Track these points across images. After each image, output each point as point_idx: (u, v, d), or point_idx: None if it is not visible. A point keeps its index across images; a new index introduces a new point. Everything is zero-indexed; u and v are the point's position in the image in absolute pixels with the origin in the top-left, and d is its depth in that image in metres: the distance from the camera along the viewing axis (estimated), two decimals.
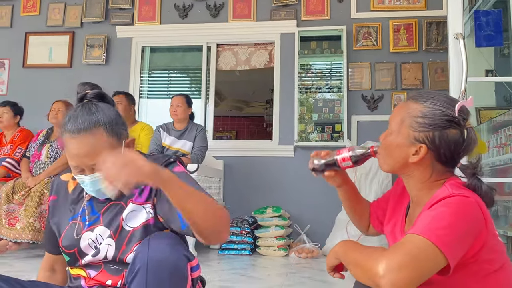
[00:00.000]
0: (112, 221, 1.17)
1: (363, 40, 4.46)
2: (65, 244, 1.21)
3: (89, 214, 1.21)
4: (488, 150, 3.12)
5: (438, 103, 1.08)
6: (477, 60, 3.38)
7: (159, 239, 1.05)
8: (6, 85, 4.92)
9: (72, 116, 1.12)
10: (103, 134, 1.11)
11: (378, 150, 1.18)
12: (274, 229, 3.87)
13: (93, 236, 1.18)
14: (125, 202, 1.18)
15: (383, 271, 0.89)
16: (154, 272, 1.00)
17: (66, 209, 1.25)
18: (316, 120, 4.39)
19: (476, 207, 1.00)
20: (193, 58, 4.92)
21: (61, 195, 1.28)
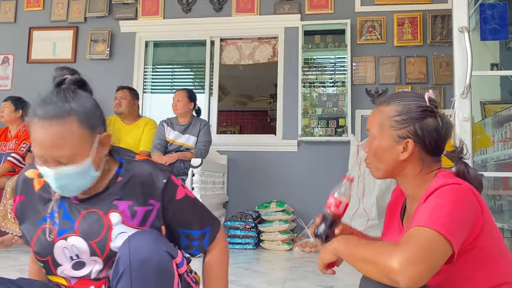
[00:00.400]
0: (91, 234, 1.07)
1: (367, 34, 4.43)
2: (37, 250, 1.11)
3: (60, 219, 1.10)
4: (492, 144, 3.10)
5: (408, 99, 1.14)
6: (482, 53, 3.36)
7: (139, 238, 1.01)
8: (11, 80, 4.93)
9: (44, 100, 1.00)
10: (74, 125, 0.99)
11: (367, 160, 1.20)
12: (278, 224, 3.88)
13: (69, 245, 1.08)
14: (103, 211, 1.09)
15: (400, 267, 0.90)
16: (138, 274, 0.97)
17: (35, 211, 1.13)
18: (320, 114, 4.38)
19: (470, 193, 1.03)
20: (196, 53, 4.92)
21: (28, 194, 1.15)
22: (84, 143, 1.01)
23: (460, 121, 2.17)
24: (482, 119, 3.55)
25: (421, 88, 4.29)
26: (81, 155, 1.01)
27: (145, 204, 1.10)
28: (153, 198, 1.10)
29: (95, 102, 1.09)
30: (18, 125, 3.93)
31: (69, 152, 0.99)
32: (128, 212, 1.09)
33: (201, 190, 3.52)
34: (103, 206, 1.09)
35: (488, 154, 3.17)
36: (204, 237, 1.18)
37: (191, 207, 1.17)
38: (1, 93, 4.69)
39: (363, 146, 1.22)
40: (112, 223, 1.08)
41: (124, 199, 1.09)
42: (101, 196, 1.10)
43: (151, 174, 1.10)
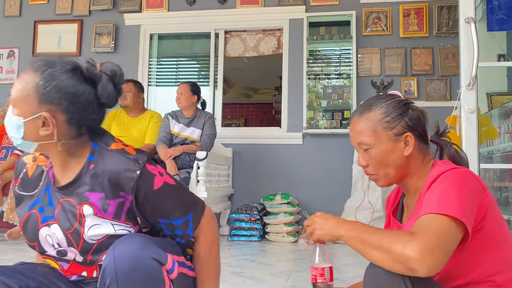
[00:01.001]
0: (66, 224, 1.07)
1: (372, 25, 4.40)
2: (27, 235, 1.13)
3: (45, 204, 1.11)
4: (499, 136, 3.09)
5: (385, 99, 1.17)
6: (489, 44, 3.32)
7: (124, 246, 0.98)
8: (17, 73, 4.95)
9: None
10: (32, 82, 1.02)
11: (370, 172, 1.18)
12: (283, 216, 3.89)
13: (51, 233, 1.09)
14: (77, 202, 1.07)
15: (418, 256, 0.91)
16: (125, 284, 0.95)
17: (27, 196, 1.15)
18: (325, 106, 4.37)
19: (471, 174, 1.06)
20: (201, 45, 4.91)
21: (23, 179, 1.17)
22: (27, 102, 1.01)
23: (466, 113, 2.16)
24: (488, 110, 3.52)
25: (427, 80, 4.26)
26: (19, 109, 1.02)
27: (116, 197, 1.05)
28: (123, 190, 1.05)
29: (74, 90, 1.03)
30: None
31: (13, 95, 1.03)
32: (100, 205, 1.05)
33: (206, 182, 3.53)
34: (76, 196, 1.07)
35: (495, 146, 3.15)
36: (187, 225, 1.11)
37: (171, 195, 1.09)
38: (7, 87, 4.70)
39: (358, 162, 1.19)
40: (85, 214, 1.06)
41: (95, 191, 1.06)
42: (74, 185, 1.07)
43: (121, 167, 1.05)
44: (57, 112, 1.02)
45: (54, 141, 1.04)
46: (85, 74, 1.05)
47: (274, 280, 2.36)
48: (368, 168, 1.17)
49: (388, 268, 0.96)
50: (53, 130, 1.02)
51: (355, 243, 1.02)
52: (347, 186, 4.09)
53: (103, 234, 1.05)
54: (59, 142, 1.04)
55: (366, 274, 1.04)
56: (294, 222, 3.96)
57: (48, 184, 1.12)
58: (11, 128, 1.04)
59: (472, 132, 2.16)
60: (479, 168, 2.17)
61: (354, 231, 1.03)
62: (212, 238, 1.17)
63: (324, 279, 1.16)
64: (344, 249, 3.54)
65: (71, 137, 1.06)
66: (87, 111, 1.05)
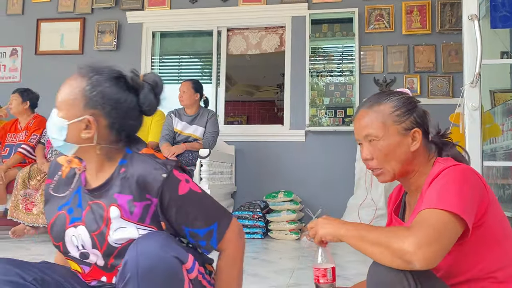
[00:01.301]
0: (93, 226, 1.09)
1: (375, 22, 4.39)
2: (53, 235, 1.15)
3: (75, 206, 1.14)
4: (502, 133, 3.08)
5: (394, 95, 1.17)
6: (493, 41, 3.31)
7: (147, 242, 0.99)
8: (20, 72, 4.97)
9: None
10: (79, 87, 1.09)
11: (374, 166, 1.16)
12: (286, 213, 3.89)
13: (76, 234, 1.11)
14: (106, 204, 1.09)
15: (414, 249, 0.92)
16: (145, 281, 0.96)
17: (58, 197, 1.18)
18: (328, 104, 4.37)
19: (471, 171, 1.06)
20: (203, 43, 4.91)
21: (55, 179, 1.21)
22: (73, 106, 1.07)
23: (469, 110, 2.15)
24: (491, 107, 3.51)
25: (430, 77, 4.25)
26: (64, 112, 1.08)
27: (143, 199, 1.07)
28: (149, 193, 1.07)
29: (117, 96, 1.09)
30: (27, 116, 3.97)
31: (60, 98, 1.10)
32: (127, 207, 1.07)
33: (209, 180, 3.54)
34: (105, 198, 1.10)
35: (498, 143, 3.15)
36: (211, 236, 1.11)
37: (196, 203, 1.10)
38: (11, 85, 4.72)
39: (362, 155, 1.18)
40: (111, 217, 1.08)
41: (124, 193, 1.08)
42: (105, 187, 1.11)
43: (148, 169, 1.07)
44: (100, 116, 1.07)
45: (93, 145, 1.09)
46: (129, 83, 1.12)
47: (277, 278, 2.37)
48: (372, 161, 1.16)
49: (388, 264, 0.97)
50: (94, 134, 1.07)
51: (355, 241, 1.04)
52: (350, 183, 4.09)
53: (127, 238, 1.06)
54: (98, 145, 1.09)
55: (369, 273, 1.05)
56: (297, 219, 3.97)
57: (80, 187, 1.16)
58: (54, 129, 1.08)
59: (475, 130, 2.15)
60: (483, 166, 2.16)
61: (354, 231, 1.05)
62: (236, 254, 1.16)
63: (326, 279, 1.16)
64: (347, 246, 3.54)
65: (109, 142, 1.11)
66: (128, 118, 1.11)
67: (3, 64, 5.01)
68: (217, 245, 1.12)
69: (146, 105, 1.13)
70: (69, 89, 1.09)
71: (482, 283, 1.05)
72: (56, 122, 1.08)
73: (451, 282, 1.07)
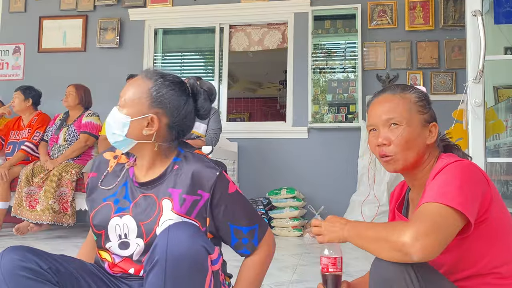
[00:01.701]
0: (143, 216, 1.17)
1: (378, 18, 4.38)
2: (96, 223, 1.22)
3: (121, 198, 1.22)
4: (506, 129, 3.07)
5: (414, 87, 1.18)
6: (496, 37, 3.29)
7: (178, 230, 1.05)
8: (22, 69, 4.98)
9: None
10: (145, 87, 1.17)
11: (389, 152, 1.13)
12: (289, 210, 3.90)
13: (121, 223, 1.18)
14: (157, 196, 1.17)
15: (411, 240, 0.93)
16: (172, 265, 1.00)
17: (104, 189, 1.26)
18: (330, 100, 4.36)
19: (475, 167, 1.07)
20: (206, 40, 4.90)
21: (101, 172, 1.29)
22: (137, 104, 1.16)
23: (472, 106, 2.14)
24: (495, 104, 3.50)
25: (433, 73, 4.24)
26: (129, 109, 1.16)
27: (194, 194, 1.16)
28: (202, 189, 1.15)
29: (180, 99, 1.19)
30: (30, 114, 3.98)
31: (127, 97, 1.17)
32: (178, 200, 1.15)
33: None
34: (158, 192, 1.18)
35: (501, 139, 3.14)
36: (253, 235, 1.20)
37: (241, 203, 1.20)
38: (14, 82, 4.73)
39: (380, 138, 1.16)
40: (163, 209, 1.15)
41: (176, 187, 1.17)
42: (158, 182, 1.19)
43: (203, 167, 1.17)
44: (163, 116, 1.17)
45: (151, 142, 1.18)
46: (189, 88, 1.24)
47: (280, 275, 2.38)
48: (387, 148, 1.12)
49: (387, 258, 0.98)
50: (155, 131, 1.16)
51: (357, 240, 1.05)
52: (353, 180, 4.09)
53: None
54: (155, 143, 1.19)
55: (372, 269, 1.06)
56: (300, 216, 3.97)
57: (127, 180, 1.24)
58: (116, 125, 1.17)
59: (479, 126, 2.15)
60: (486, 162, 2.16)
61: (354, 229, 1.06)
62: (266, 259, 1.24)
63: (336, 268, 1.17)
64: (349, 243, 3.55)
65: (166, 140, 1.20)
66: (186, 119, 1.21)
67: (6, 61, 5.02)
68: (258, 243, 1.21)
69: (203, 110, 1.25)
70: (136, 88, 1.17)
71: (486, 279, 1.05)
72: (119, 118, 1.16)
73: (455, 277, 1.07)
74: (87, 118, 3.73)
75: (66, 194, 3.37)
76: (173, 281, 1.00)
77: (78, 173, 3.45)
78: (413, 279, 0.97)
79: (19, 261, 1.05)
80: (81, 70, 4.78)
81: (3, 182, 3.50)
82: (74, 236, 3.59)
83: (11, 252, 1.07)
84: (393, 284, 0.98)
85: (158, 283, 1.01)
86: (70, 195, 3.38)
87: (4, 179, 3.50)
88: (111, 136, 1.19)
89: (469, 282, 1.06)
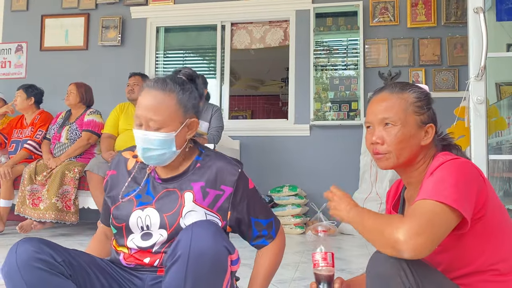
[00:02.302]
0: (166, 208, 1.21)
1: (379, 15, 4.37)
2: (117, 216, 1.26)
3: (143, 193, 1.26)
4: (508, 126, 3.06)
5: (415, 87, 1.17)
6: (498, 34, 3.28)
7: (202, 228, 1.08)
8: (25, 68, 4.99)
9: (158, 77, 1.23)
10: (173, 100, 1.18)
11: (382, 150, 1.14)
12: (291, 208, 3.90)
13: (143, 215, 1.22)
14: (180, 190, 1.23)
15: (404, 237, 0.93)
16: (195, 261, 1.02)
17: (123, 185, 1.30)
18: (332, 98, 4.36)
19: (472, 165, 1.07)
20: (207, 38, 4.90)
21: (120, 170, 1.33)
22: (175, 118, 1.18)
23: (474, 104, 2.14)
24: (497, 101, 3.49)
25: (435, 70, 4.23)
26: (169, 126, 1.17)
27: (217, 189, 1.22)
28: (225, 184, 1.22)
29: (198, 93, 1.25)
30: (32, 112, 3.99)
31: (160, 118, 1.16)
32: (200, 192, 1.21)
33: None
34: (181, 186, 1.23)
35: (503, 137, 3.13)
36: (271, 227, 1.29)
37: (259, 198, 1.29)
38: (16, 81, 4.75)
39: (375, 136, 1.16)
40: (185, 201, 1.21)
41: (199, 181, 1.23)
42: (180, 177, 1.25)
43: (226, 163, 1.24)
44: (193, 117, 1.24)
45: (185, 143, 1.24)
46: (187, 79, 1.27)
47: (283, 272, 2.38)
48: (381, 146, 1.14)
49: (381, 251, 1.00)
50: (195, 131, 1.25)
51: (357, 226, 1.07)
52: (355, 177, 4.09)
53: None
54: (187, 144, 1.25)
55: (368, 265, 1.07)
56: (302, 213, 3.98)
57: (149, 178, 1.28)
58: (164, 145, 1.18)
59: (481, 123, 2.14)
60: (488, 159, 2.16)
61: (357, 216, 1.07)
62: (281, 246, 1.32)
63: (326, 263, 1.18)
64: (351, 241, 3.55)
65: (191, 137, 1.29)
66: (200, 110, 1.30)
67: (8, 60, 5.03)
68: (276, 234, 1.30)
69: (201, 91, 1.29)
70: (166, 107, 1.17)
71: (484, 276, 1.06)
72: (165, 138, 1.17)
73: (453, 275, 1.08)
74: (89, 116, 3.74)
75: (69, 192, 3.39)
76: (194, 277, 1.02)
77: (81, 171, 3.46)
78: (408, 275, 0.98)
79: (34, 252, 1.07)
80: (83, 69, 4.79)
81: (6, 180, 3.52)
82: (78, 234, 3.61)
83: (27, 243, 1.09)
84: (389, 280, 0.99)
85: (179, 277, 1.03)
86: (73, 193, 3.39)
87: (7, 178, 3.51)
88: (157, 158, 1.19)
89: (467, 280, 1.07)
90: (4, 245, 3.04)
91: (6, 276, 1.07)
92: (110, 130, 3.65)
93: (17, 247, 1.08)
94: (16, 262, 1.05)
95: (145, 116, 1.16)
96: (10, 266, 1.06)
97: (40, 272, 1.05)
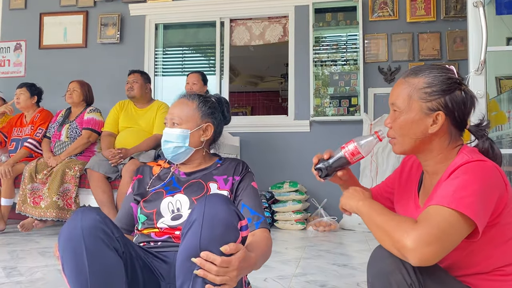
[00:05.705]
0: (194, 192, 1.39)
1: (379, 10, 4.35)
2: (147, 204, 1.40)
3: (171, 186, 1.44)
4: (508, 120, 3.06)
5: (437, 71, 1.11)
6: (498, 28, 3.27)
7: (215, 197, 1.15)
8: (24, 66, 4.98)
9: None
10: (193, 105, 1.47)
11: (391, 134, 1.16)
12: (292, 204, 3.91)
13: (173, 200, 1.39)
14: (204, 181, 1.43)
15: (412, 245, 0.91)
16: (208, 223, 1.07)
17: (155, 185, 1.46)
18: (332, 93, 4.35)
19: (495, 170, 1.02)
20: (206, 34, 4.89)
21: (146, 175, 1.52)
22: (191, 119, 1.46)
23: None
24: (497, 95, 3.48)
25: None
26: (186, 124, 1.45)
27: (233, 177, 1.45)
28: (236, 174, 1.45)
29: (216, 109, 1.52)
30: (33, 111, 3.99)
31: (180, 116, 1.45)
32: (223, 181, 1.43)
33: None
34: (205, 178, 1.44)
35: (504, 131, 3.13)
36: (258, 219, 1.37)
37: (257, 195, 1.44)
38: (15, 79, 4.74)
39: (385, 120, 1.16)
40: (211, 187, 1.41)
41: (222, 175, 1.45)
42: (203, 171, 1.47)
43: (241, 163, 1.49)
44: (210, 124, 1.48)
45: (201, 148, 1.48)
46: (215, 102, 1.55)
47: (284, 268, 2.39)
48: (390, 130, 1.16)
49: (388, 249, 0.99)
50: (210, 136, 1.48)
51: (365, 219, 1.07)
52: (355, 173, 4.08)
53: None
54: (204, 149, 1.49)
55: (369, 261, 1.07)
56: (303, 209, 3.98)
57: (173, 176, 1.49)
58: (179, 139, 1.44)
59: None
60: None
61: (367, 210, 1.07)
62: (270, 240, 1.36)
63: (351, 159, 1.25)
64: (354, 236, 3.55)
65: (210, 145, 1.53)
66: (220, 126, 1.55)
67: (7, 58, 5.02)
68: (259, 227, 1.36)
69: (229, 116, 1.58)
70: (186, 108, 1.47)
71: (488, 275, 1.05)
72: (181, 133, 1.44)
73: (457, 274, 1.07)
74: (89, 114, 3.73)
75: (70, 190, 3.39)
76: (209, 237, 1.05)
77: (81, 169, 3.46)
78: (410, 272, 0.97)
79: (100, 222, 1.10)
80: (82, 66, 4.78)
81: (7, 179, 3.52)
82: None
83: (92, 211, 1.12)
84: (390, 276, 0.98)
85: (195, 238, 1.06)
86: (74, 191, 3.40)
87: (8, 176, 3.51)
88: (173, 150, 1.44)
89: (471, 278, 1.06)
90: (6, 244, 3.05)
91: (67, 238, 1.07)
92: (110, 128, 3.65)
93: (82, 213, 1.10)
94: (82, 228, 1.07)
95: (170, 116, 1.46)
96: (73, 229, 1.07)
97: (100, 242, 1.08)
